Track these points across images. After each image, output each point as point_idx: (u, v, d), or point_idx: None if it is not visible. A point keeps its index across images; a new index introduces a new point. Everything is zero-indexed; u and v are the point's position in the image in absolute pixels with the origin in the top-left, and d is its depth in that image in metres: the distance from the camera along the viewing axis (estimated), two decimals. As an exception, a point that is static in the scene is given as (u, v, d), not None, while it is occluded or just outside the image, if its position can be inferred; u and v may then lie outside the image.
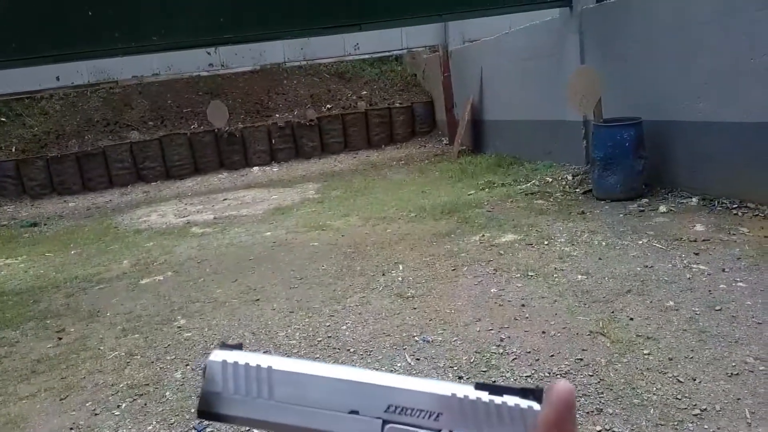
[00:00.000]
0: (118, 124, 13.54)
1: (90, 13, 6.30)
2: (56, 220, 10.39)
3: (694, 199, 5.84)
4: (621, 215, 5.81)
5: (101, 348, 4.13)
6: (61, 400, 3.42)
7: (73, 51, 6.81)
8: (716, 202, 5.60)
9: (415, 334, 3.73)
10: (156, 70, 11.61)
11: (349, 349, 3.62)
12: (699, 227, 5.11)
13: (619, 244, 4.98)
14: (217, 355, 0.46)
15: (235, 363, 0.45)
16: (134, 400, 3.32)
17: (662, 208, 5.76)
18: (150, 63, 11.37)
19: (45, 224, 10.05)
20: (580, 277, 4.37)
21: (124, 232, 8.51)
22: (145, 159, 12.85)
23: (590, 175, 6.91)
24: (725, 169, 5.64)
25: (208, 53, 11.67)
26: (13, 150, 12.68)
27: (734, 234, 4.81)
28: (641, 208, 5.89)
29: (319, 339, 3.82)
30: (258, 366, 0.45)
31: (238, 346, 0.47)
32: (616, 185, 6.28)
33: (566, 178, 7.60)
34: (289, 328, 4.05)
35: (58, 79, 11.07)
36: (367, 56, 13.65)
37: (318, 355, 3.58)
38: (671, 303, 3.73)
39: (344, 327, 3.96)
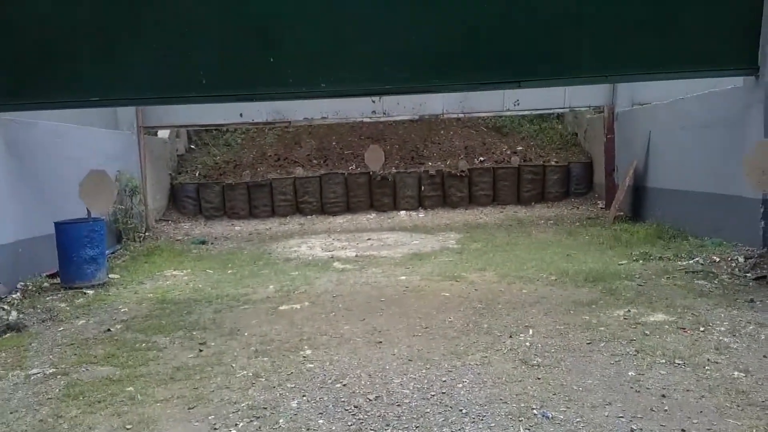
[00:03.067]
0: (287, 159, 14.76)
1: (271, 60, 7.02)
2: (222, 240, 11.48)
3: None
4: (800, 310, 5.02)
5: (233, 365, 4.41)
6: (189, 409, 3.69)
7: (253, 92, 7.63)
8: None
9: (534, 407, 3.49)
10: (325, 114, 12.54)
11: (461, 410, 3.48)
12: None
13: (793, 343, 4.28)
14: None
15: None
16: (251, 421, 3.48)
17: None
18: (320, 107, 12.34)
19: (212, 243, 11.14)
20: (737, 373, 3.82)
21: (275, 259, 9.15)
22: (305, 193, 13.83)
23: (766, 259, 6.09)
24: None
25: (373, 101, 12.38)
26: (197, 174, 14.36)
27: None
28: (828, 305, 5.04)
29: (433, 393, 3.73)
30: None
31: None
32: (797, 274, 5.46)
33: (737, 259, 6.76)
34: (405, 376, 4.02)
35: (241, 115, 12.44)
36: (526, 112, 13.51)
37: (428, 410, 3.49)
38: None
39: (460, 385, 3.83)
